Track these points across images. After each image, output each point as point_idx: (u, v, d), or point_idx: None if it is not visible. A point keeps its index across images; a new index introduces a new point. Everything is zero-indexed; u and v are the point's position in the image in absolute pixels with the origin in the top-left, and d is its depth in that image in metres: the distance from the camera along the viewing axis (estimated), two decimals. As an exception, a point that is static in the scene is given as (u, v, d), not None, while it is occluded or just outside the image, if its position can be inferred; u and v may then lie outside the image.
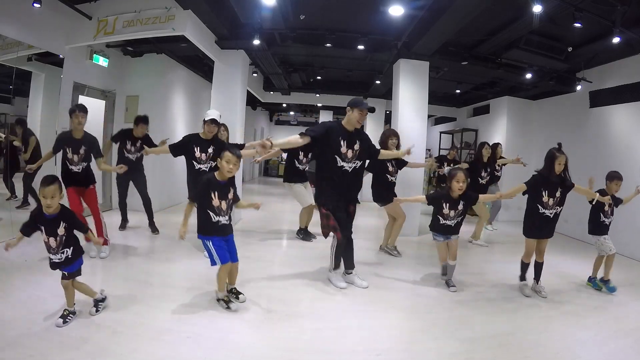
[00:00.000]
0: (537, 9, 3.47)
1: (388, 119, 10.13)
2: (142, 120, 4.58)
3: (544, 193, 3.20)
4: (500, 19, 4.58)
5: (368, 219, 6.48)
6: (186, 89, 7.21)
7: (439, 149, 9.91)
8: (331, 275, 3.37)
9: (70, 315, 2.37)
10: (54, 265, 2.35)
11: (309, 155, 4.86)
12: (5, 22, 3.88)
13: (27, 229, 2.28)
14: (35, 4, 3.94)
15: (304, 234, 5.00)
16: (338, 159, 3.13)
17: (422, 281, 3.60)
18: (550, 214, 3.24)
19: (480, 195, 3.60)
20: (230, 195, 2.74)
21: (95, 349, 2.11)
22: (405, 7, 4.13)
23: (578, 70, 5.71)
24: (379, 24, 4.90)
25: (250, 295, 3.01)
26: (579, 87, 5.79)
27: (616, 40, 4.10)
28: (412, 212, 5.25)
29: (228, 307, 2.71)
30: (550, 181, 3.20)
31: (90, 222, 3.64)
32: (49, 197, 2.18)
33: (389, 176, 4.32)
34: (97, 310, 2.46)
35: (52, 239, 2.22)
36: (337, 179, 3.17)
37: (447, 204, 3.29)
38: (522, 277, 3.44)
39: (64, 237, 2.26)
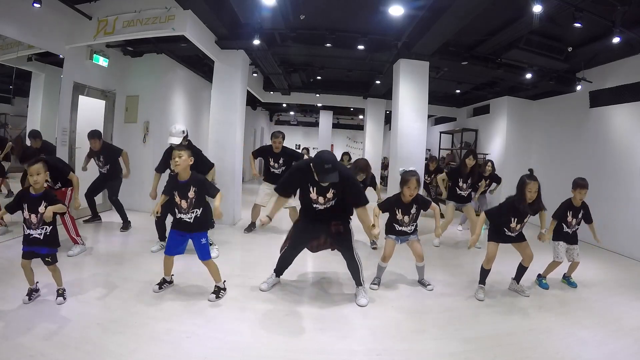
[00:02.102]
0: (537, 9, 3.47)
1: (388, 119, 10.14)
2: (90, 135, 4.60)
3: (512, 220, 3.16)
4: (500, 19, 4.58)
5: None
6: (186, 89, 7.21)
7: (439, 149, 9.91)
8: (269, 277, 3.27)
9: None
10: (29, 242, 2.51)
11: (280, 161, 4.99)
12: (5, 22, 3.87)
13: (11, 208, 2.55)
14: (35, 4, 3.94)
15: (249, 227, 5.25)
16: (311, 201, 2.99)
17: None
18: (515, 235, 3.25)
19: (434, 205, 3.40)
20: (191, 194, 2.83)
21: (95, 349, 2.11)
22: (405, 7, 4.14)
23: (578, 70, 5.71)
24: (379, 24, 4.90)
25: (250, 296, 3.03)
26: (579, 87, 5.79)
27: (616, 40, 4.10)
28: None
29: (159, 288, 2.96)
30: (519, 210, 3.10)
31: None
32: (34, 174, 2.49)
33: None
34: (64, 299, 2.63)
35: (33, 216, 2.49)
36: (310, 212, 3.04)
37: (400, 210, 3.26)
38: (481, 282, 3.30)
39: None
